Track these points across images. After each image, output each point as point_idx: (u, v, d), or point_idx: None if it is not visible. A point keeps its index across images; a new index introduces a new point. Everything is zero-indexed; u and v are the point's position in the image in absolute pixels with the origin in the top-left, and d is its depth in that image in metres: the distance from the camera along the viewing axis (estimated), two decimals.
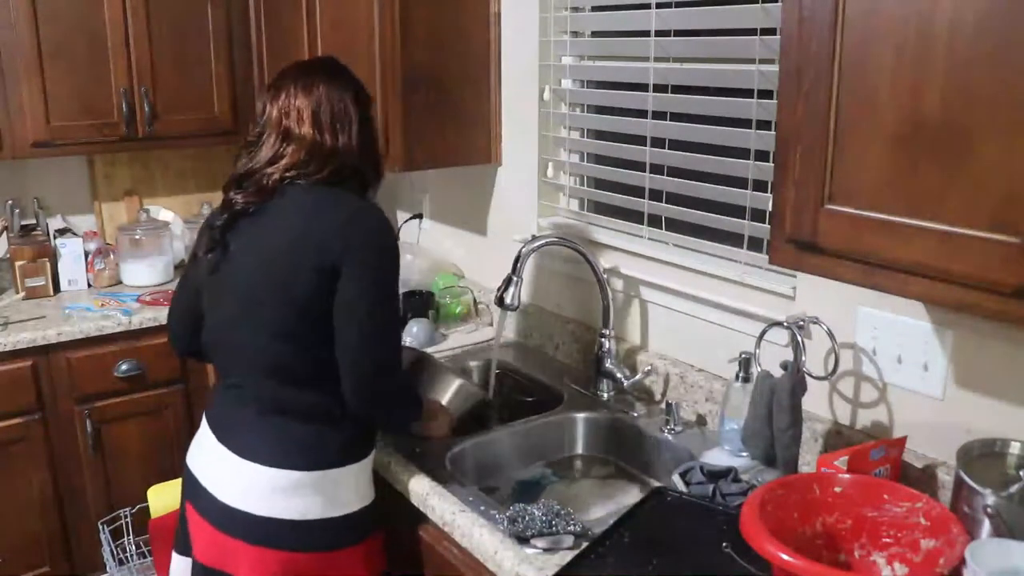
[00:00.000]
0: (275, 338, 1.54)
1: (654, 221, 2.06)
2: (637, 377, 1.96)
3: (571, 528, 1.44)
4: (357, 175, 1.62)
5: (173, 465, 2.76)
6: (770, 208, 1.34)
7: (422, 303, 2.46)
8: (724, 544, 1.37)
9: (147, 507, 2.13)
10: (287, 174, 1.56)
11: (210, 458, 1.60)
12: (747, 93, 1.76)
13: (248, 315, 1.56)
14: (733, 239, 1.88)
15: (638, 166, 2.07)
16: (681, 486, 1.56)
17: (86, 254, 2.99)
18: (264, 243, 1.56)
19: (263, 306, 1.54)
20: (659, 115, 2.00)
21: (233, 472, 1.55)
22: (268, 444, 1.54)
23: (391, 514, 1.69)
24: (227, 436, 1.58)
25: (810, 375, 1.59)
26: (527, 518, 1.45)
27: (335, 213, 1.54)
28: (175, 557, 1.75)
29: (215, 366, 1.74)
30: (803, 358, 1.58)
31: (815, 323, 1.60)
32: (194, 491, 1.61)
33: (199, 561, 1.60)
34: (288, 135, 1.58)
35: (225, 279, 1.61)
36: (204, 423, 1.66)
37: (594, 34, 2.20)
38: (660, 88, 1.98)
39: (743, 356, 1.69)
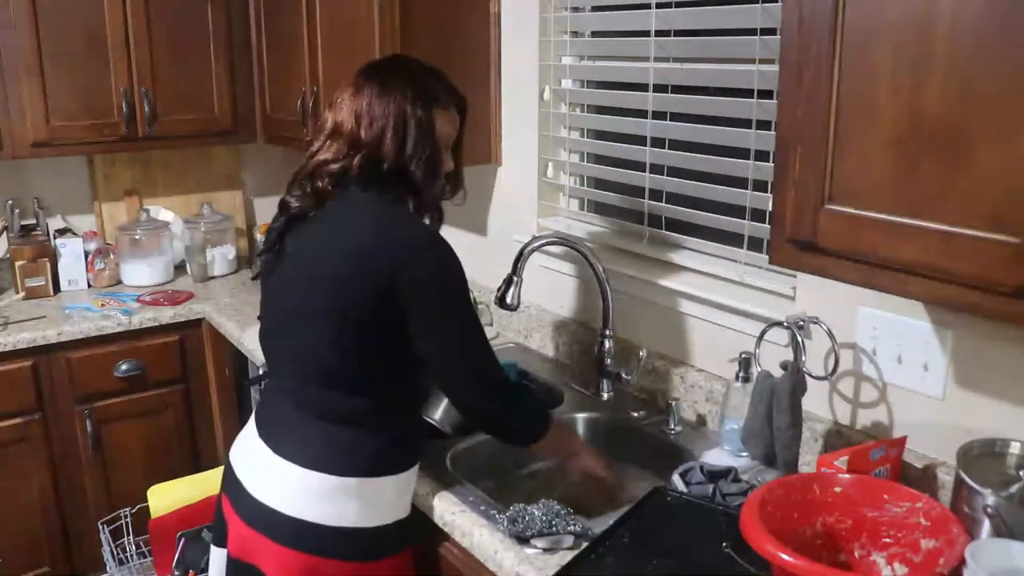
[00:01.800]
0: (323, 345, 1.52)
1: (654, 221, 2.06)
2: (634, 372, 1.96)
3: (571, 528, 1.44)
4: (404, 183, 1.52)
5: (173, 465, 2.76)
6: (770, 208, 1.34)
7: None
8: (724, 544, 1.37)
9: (147, 507, 2.13)
10: (333, 172, 1.52)
11: (249, 453, 1.60)
12: (747, 93, 1.76)
13: (298, 320, 1.55)
14: (733, 239, 1.88)
15: (638, 166, 2.07)
16: (681, 486, 1.56)
17: (86, 254, 3.00)
18: (318, 249, 1.54)
19: (313, 313, 1.52)
20: (659, 115, 2.00)
21: (268, 469, 1.54)
22: (306, 445, 1.53)
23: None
24: (269, 434, 1.58)
25: (810, 375, 1.59)
26: (527, 518, 1.45)
27: (392, 232, 1.50)
28: (213, 549, 1.75)
29: (267, 366, 1.73)
30: (803, 358, 1.58)
31: (815, 323, 1.60)
32: (231, 484, 1.62)
33: (231, 553, 1.60)
34: (335, 133, 1.54)
35: (279, 283, 1.61)
36: (251, 419, 1.66)
37: (594, 34, 2.20)
38: (660, 88, 1.98)
39: (743, 356, 1.69)
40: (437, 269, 1.49)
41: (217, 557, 1.72)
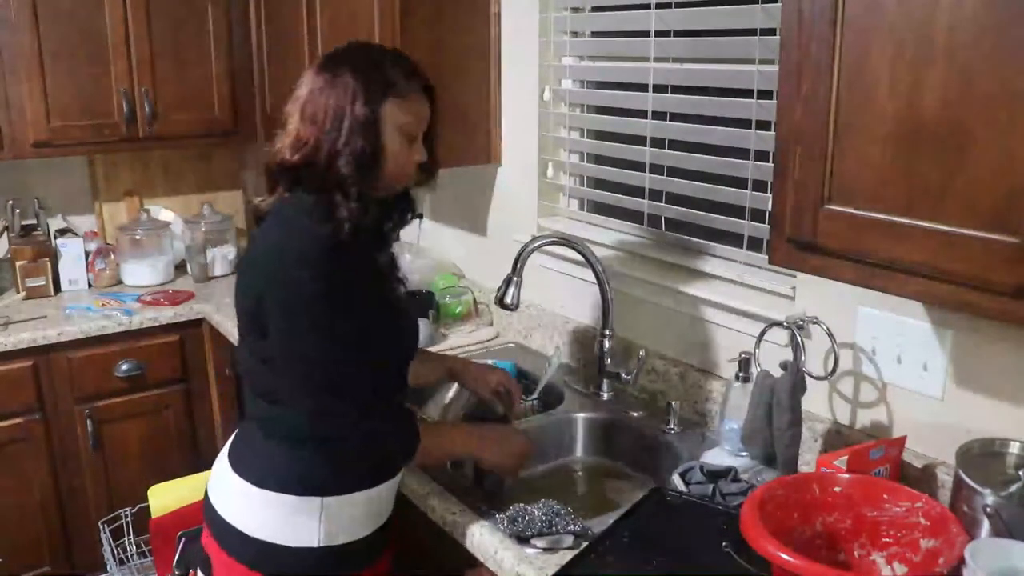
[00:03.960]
0: (245, 354, 1.53)
1: (654, 221, 2.06)
2: (634, 372, 1.96)
3: (571, 528, 1.44)
4: (333, 178, 1.42)
5: (173, 465, 2.76)
6: (770, 208, 1.34)
7: (422, 303, 2.47)
8: (724, 544, 1.37)
9: (147, 507, 2.13)
10: (277, 169, 1.47)
11: (216, 470, 1.60)
12: (747, 93, 1.76)
13: (237, 323, 1.55)
14: (733, 239, 1.88)
15: (638, 166, 2.07)
16: (681, 486, 1.56)
17: (87, 254, 3.00)
18: (246, 257, 1.56)
19: (239, 322, 1.52)
20: (659, 115, 2.00)
21: (226, 484, 1.53)
22: (259, 463, 1.50)
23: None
24: (231, 449, 1.58)
25: (810, 375, 1.59)
26: (527, 518, 1.46)
27: (271, 233, 1.46)
28: None
29: None
30: (803, 358, 1.59)
31: (815, 323, 1.60)
32: (205, 495, 1.61)
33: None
34: (284, 127, 1.49)
35: None
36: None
37: (594, 34, 2.20)
38: (660, 88, 1.98)
39: (743, 356, 1.70)
40: (295, 258, 1.40)
41: None
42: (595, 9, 2.15)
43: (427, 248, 2.75)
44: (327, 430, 1.45)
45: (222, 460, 1.57)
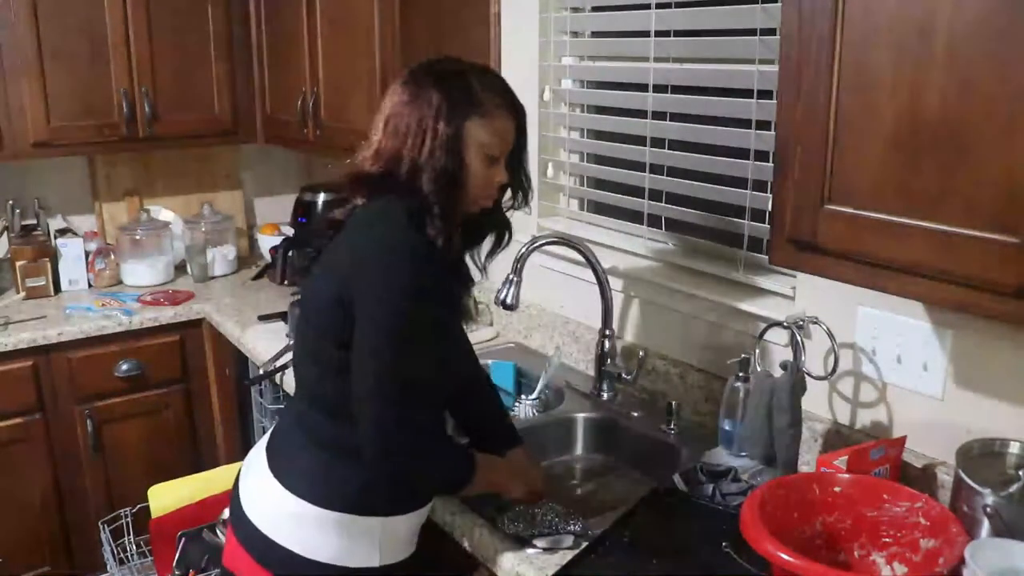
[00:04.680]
0: (307, 361, 1.48)
1: (654, 221, 2.06)
2: (635, 372, 1.96)
3: (571, 528, 1.44)
4: (415, 193, 1.38)
5: (173, 465, 2.76)
6: (770, 208, 1.34)
7: None
8: (724, 544, 1.38)
9: (147, 507, 2.13)
10: (358, 179, 1.44)
11: (251, 464, 1.55)
12: (747, 93, 1.76)
13: (298, 335, 1.53)
14: (733, 239, 1.88)
15: (638, 166, 2.07)
16: (681, 486, 1.56)
17: (87, 254, 3.00)
18: (322, 261, 1.48)
19: (305, 328, 1.49)
20: (659, 115, 2.00)
21: (260, 485, 1.49)
22: (295, 468, 1.46)
23: None
24: (271, 449, 1.53)
25: (810, 375, 1.59)
26: (527, 518, 1.46)
27: (359, 238, 1.40)
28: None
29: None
30: (803, 358, 1.59)
31: (815, 323, 1.60)
32: (233, 491, 1.57)
33: (224, 563, 1.57)
34: (368, 137, 1.46)
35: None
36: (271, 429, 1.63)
37: (594, 34, 2.20)
38: (660, 88, 1.98)
39: (743, 356, 1.70)
40: (383, 278, 1.33)
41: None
42: (595, 9, 2.15)
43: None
44: (389, 447, 1.35)
45: (262, 475, 1.48)
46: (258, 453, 1.55)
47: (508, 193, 1.54)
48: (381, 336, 1.33)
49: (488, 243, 1.58)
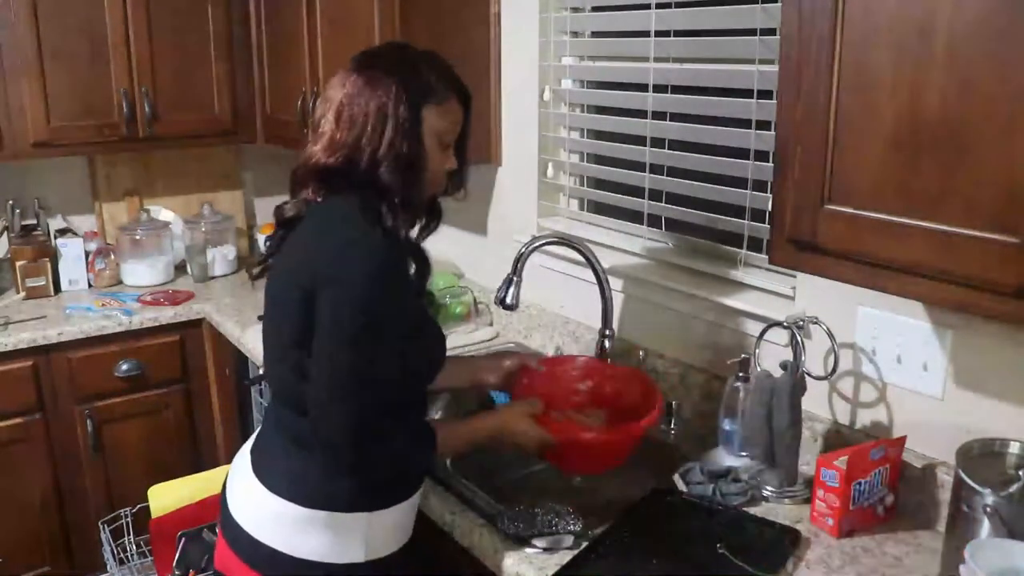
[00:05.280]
0: (275, 360, 1.47)
1: (654, 221, 2.06)
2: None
3: (571, 528, 1.44)
4: (375, 184, 1.38)
5: (173, 465, 2.76)
6: (770, 208, 1.34)
7: None
8: (718, 545, 1.38)
9: (147, 507, 2.13)
10: (310, 173, 1.42)
11: (237, 467, 1.55)
12: (747, 93, 1.76)
13: (266, 333, 1.51)
14: (733, 239, 1.88)
15: (638, 166, 2.07)
16: (681, 486, 1.57)
17: (87, 254, 3.00)
18: (282, 260, 1.47)
19: (271, 329, 1.48)
20: (659, 115, 2.00)
21: (245, 487, 1.49)
22: (278, 470, 1.46)
23: None
24: (254, 450, 1.53)
25: (810, 375, 1.59)
26: (527, 518, 1.46)
27: (317, 235, 1.39)
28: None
29: None
30: (803, 358, 1.58)
31: (815, 323, 1.60)
32: (222, 495, 1.57)
33: (215, 566, 1.57)
34: (318, 130, 1.42)
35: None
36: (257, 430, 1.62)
37: (594, 34, 2.20)
38: (660, 88, 1.98)
39: (743, 356, 1.70)
40: (344, 279, 1.32)
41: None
42: (595, 9, 2.15)
43: (426, 248, 2.75)
44: (349, 444, 1.34)
45: (246, 476, 1.48)
46: (243, 455, 1.55)
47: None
48: (343, 338, 1.32)
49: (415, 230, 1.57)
